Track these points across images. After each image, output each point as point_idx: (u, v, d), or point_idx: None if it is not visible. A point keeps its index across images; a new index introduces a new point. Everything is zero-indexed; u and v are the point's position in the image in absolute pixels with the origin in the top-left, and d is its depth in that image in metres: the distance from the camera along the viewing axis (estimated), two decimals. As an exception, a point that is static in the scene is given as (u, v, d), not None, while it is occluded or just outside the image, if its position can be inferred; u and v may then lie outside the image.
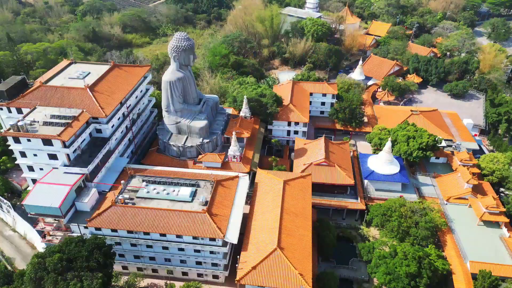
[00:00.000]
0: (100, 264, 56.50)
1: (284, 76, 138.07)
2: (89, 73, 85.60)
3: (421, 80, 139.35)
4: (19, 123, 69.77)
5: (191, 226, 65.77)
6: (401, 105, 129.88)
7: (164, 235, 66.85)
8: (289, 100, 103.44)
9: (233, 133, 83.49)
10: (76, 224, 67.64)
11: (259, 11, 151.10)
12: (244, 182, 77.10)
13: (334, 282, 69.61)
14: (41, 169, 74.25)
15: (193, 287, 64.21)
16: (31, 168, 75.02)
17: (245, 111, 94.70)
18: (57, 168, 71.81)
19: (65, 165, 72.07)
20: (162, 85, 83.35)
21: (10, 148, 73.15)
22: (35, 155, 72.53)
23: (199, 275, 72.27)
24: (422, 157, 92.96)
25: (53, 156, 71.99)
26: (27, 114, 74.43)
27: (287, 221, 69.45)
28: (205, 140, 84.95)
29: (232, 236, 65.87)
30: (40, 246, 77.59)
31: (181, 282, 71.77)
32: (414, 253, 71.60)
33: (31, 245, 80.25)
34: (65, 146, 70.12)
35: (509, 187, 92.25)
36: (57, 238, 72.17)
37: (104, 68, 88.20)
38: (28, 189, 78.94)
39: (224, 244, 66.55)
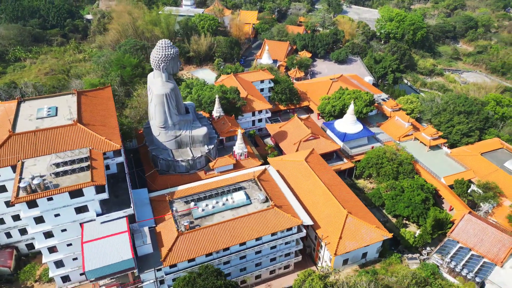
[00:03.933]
0: (235, 288, 52.71)
1: (200, 74, 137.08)
2: (57, 107, 71.44)
3: (311, 54, 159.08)
4: (34, 182, 55.23)
5: (268, 224, 65.63)
6: (309, 77, 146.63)
7: (243, 243, 64.81)
8: (244, 92, 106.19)
9: (238, 131, 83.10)
10: (153, 269, 58.94)
11: (149, 14, 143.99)
12: (274, 172, 79.04)
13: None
14: (63, 230, 60.44)
15: (315, 278, 63.52)
16: (49, 235, 60.16)
17: (218, 111, 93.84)
18: (94, 219, 60.04)
19: (98, 214, 60.82)
20: (156, 100, 75.76)
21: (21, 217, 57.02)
22: (56, 215, 58.61)
23: (271, 272, 72.33)
24: (368, 112, 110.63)
25: (81, 209, 59.63)
26: (21, 172, 58.99)
27: (334, 190, 75.71)
28: (211, 146, 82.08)
29: (306, 219, 68.75)
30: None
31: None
32: (416, 184, 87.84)
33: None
34: (99, 191, 59.22)
35: (427, 119, 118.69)
36: (116, 299, 61.16)
37: (68, 98, 74.75)
38: (44, 262, 62.57)
39: (299, 229, 68.82)
